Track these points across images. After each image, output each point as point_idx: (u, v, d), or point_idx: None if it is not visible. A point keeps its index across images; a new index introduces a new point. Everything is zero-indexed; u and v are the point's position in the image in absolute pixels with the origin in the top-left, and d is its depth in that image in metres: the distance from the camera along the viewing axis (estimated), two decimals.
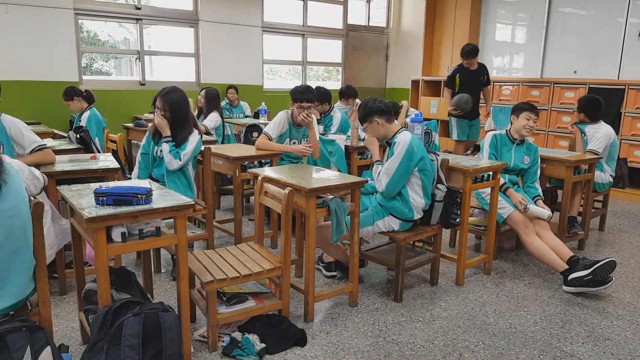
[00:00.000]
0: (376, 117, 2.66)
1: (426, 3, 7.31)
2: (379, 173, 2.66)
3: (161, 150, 2.94)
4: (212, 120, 4.60)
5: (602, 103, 3.93)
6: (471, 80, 5.29)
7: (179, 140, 2.94)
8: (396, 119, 2.79)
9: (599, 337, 2.37)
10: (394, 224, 2.68)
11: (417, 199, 2.63)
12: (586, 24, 5.91)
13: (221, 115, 4.68)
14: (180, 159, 2.89)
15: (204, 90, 4.80)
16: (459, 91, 5.23)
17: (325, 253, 2.96)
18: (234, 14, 6.68)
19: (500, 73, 6.93)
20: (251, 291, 2.36)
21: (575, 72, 6.00)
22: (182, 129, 2.95)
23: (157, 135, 3.02)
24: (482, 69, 5.38)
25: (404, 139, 2.58)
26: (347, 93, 5.27)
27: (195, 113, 4.73)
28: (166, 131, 2.93)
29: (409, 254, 2.89)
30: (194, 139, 2.96)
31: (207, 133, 4.49)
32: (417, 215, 2.69)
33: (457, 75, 5.31)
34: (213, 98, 4.70)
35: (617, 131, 3.97)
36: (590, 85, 5.51)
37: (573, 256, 2.86)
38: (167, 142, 2.91)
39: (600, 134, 3.77)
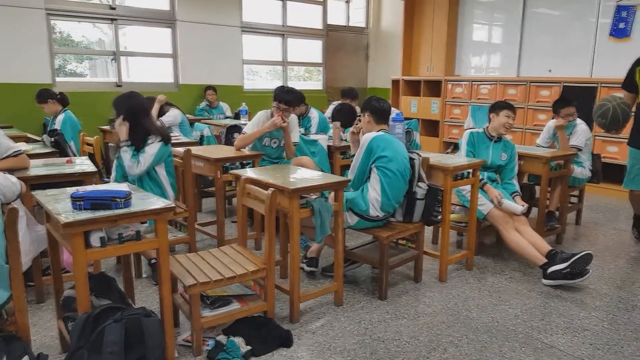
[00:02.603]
0: (368, 113, 2.80)
1: (404, 4, 7.39)
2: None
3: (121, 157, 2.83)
4: (170, 116, 4.73)
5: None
6: None
7: (138, 145, 2.81)
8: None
9: (578, 328, 2.43)
10: (351, 219, 2.70)
11: (372, 194, 2.66)
12: (560, 24, 6.06)
13: (181, 112, 4.89)
14: (139, 163, 2.76)
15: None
16: None
17: (309, 237, 2.97)
18: (212, 13, 6.61)
19: (478, 72, 7.05)
20: (235, 294, 2.34)
21: (550, 70, 6.15)
22: (138, 135, 2.81)
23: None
24: None
25: (367, 136, 2.70)
26: (349, 94, 5.01)
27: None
28: (123, 136, 2.81)
29: (393, 251, 2.91)
30: (153, 143, 2.81)
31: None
32: (374, 212, 2.66)
33: (638, 69, 3.44)
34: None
35: (590, 128, 4.07)
36: (564, 84, 5.65)
37: (552, 250, 2.93)
38: (127, 146, 2.79)
39: (579, 129, 3.88)
